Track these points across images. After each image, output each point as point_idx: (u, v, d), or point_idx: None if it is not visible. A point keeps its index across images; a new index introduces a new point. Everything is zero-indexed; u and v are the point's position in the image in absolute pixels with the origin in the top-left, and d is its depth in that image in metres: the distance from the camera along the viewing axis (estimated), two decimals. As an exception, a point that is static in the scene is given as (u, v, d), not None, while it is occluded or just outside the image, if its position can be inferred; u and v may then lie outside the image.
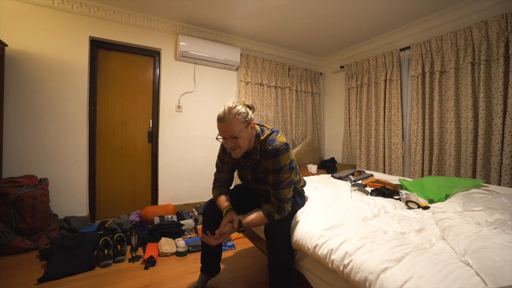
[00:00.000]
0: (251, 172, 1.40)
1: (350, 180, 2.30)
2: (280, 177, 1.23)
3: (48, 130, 2.44)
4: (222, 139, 1.26)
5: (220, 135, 1.25)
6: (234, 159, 1.43)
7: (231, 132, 1.20)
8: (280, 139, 1.27)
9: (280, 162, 1.22)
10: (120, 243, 1.98)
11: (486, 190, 1.61)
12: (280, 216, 1.25)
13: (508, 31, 2.13)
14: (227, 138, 1.23)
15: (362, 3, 2.49)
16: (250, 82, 3.47)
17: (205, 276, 1.55)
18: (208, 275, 1.56)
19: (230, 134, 1.21)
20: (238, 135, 1.21)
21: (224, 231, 1.25)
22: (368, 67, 3.40)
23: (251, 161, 1.36)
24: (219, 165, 1.47)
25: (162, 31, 2.97)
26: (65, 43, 2.50)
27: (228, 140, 1.23)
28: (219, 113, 1.23)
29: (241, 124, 1.21)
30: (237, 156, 1.27)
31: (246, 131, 1.24)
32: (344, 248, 1.00)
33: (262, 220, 1.26)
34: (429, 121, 2.71)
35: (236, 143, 1.23)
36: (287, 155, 1.24)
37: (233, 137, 1.21)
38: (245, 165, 1.40)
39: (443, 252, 0.94)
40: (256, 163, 1.35)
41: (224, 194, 1.42)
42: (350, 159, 3.72)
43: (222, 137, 1.25)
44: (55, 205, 2.43)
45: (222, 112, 1.22)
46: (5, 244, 1.93)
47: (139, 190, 2.98)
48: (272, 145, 1.24)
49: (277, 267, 1.22)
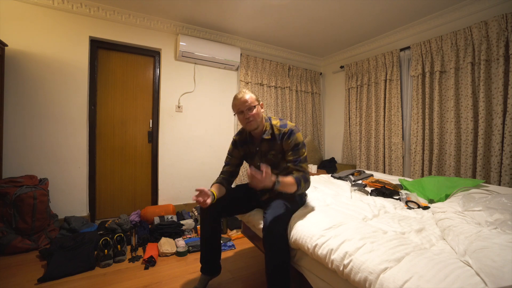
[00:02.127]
0: (260, 158, 1.52)
1: (350, 180, 2.30)
2: (299, 152, 1.39)
3: (48, 130, 2.44)
4: (239, 114, 1.45)
5: (238, 110, 1.44)
6: (243, 152, 1.58)
7: (248, 103, 1.41)
8: (290, 123, 1.47)
9: (296, 139, 1.40)
10: (120, 243, 1.98)
11: (486, 190, 1.61)
12: (305, 184, 1.36)
13: (508, 31, 2.13)
14: (244, 110, 1.41)
15: (362, 3, 2.49)
16: (250, 82, 3.47)
17: (205, 276, 1.55)
18: (209, 275, 1.55)
19: (247, 105, 1.41)
20: (254, 105, 1.42)
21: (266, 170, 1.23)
22: (368, 67, 3.40)
23: (261, 145, 1.49)
24: (227, 160, 1.62)
25: (162, 31, 2.97)
26: (65, 43, 2.50)
27: (245, 112, 1.41)
28: (237, 94, 1.46)
29: (255, 101, 1.45)
30: (252, 128, 1.44)
31: (258, 107, 1.45)
32: (344, 248, 1.00)
33: (292, 185, 1.32)
34: (429, 121, 2.71)
35: (252, 115, 1.41)
36: (299, 134, 1.43)
37: (250, 107, 1.41)
38: (255, 151, 1.52)
39: (443, 252, 0.94)
40: (267, 148, 1.48)
41: (218, 183, 1.53)
42: (350, 159, 3.72)
43: (239, 112, 1.44)
44: (55, 205, 2.43)
45: (240, 92, 1.46)
46: (5, 244, 1.93)
47: (139, 190, 2.98)
48: (286, 127, 1.43)
49: (273, 266, 1.23)
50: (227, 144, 3.35)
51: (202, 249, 1.55)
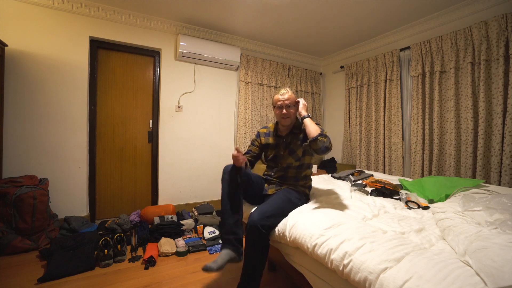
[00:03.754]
0: (284, 148, 1.66)
1: (350, 180, 2.29)
2: (322, 132, 1.47)
3: (48, 130, 2.44)
4: (277, 108, 1.60)
5: (281, 104, 1.58)
6: (265, 142, 1.73)
7: (289, 101, 1.57)
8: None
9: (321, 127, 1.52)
10: (120, 243, 1.98)
11: (486, 190, 1.61)
12: (324, 137, 1.41)
13: (508, 31, 2.13)
14: (285, 106, 1.56)
15: (362, 3, 2.49)
16: (250, 82, 3.47)
17: (228, 251, 1.35)
18: (232, 248, 1.36)
19: (291, 101, 1.58)
20: (294, 105, 1.59)
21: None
22: (368, 67, 3.40)
23: (288, 137, 1.66)
24: (250, 148, 1.78)
25: (162, 31, 2.97)
26: (65, 43, 2.50)
27: (285, 108, 1.56)
28: (281, 89, 1.62)
29: (294, 101, 1.61)
30: (287, 124, 1.61)
31: (296, 108, 1.61)
32: (344, 248, 1.00)
33: (316, 130, 1.43)
34: (429, 121, 2.71)
35: (290, 113, 1.57)
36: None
37: (290, 105, 1.57)
38: (281, 142, 1.67)
39: (443, 252, 0.94)
40: (292, 139, 1.64)
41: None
42: (350, 159, 3.72)
43: (279, 106, 1.58)
44: (55, 205, 2.43)
45: (284, 88, 1.62)
46: (5, 244, 1.93)
47: (139, 190, 2.98)
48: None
49: (248, 260, 1.34)
50: (227, 144, 3.41)
51: (223, 215, 1.44)
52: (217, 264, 1.26)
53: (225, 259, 1.31)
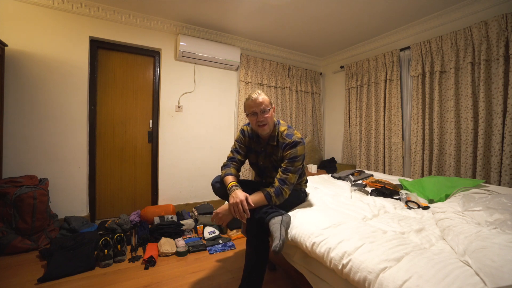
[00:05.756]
0: (264, 158, 1.54)
1: (350, 180, 2.30)
2: (294, 164, 1.39)
3: (48, 130, 2.44)
4: (251, 116, 1.44)
5: (252, 111, 1.43)
6: (249, 144, 1.59)
7: (263, 105, 1.42)
8: (297, 134, 1.46)
9: (297, 152, 1.40)
10: (120, 243, 1.98)
11: (486, 190, 1.61)
12: (278, 199, 1.36)
13: (508, 31, 2.13)
14: (259, 112, 1.41)
15: (362, 3, 2.49)
16: (250, 82, 3.47)
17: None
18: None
19: (263, 107, 1.41)
20: (268, 108, 1.43)
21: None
22: (368, 67, 3.40)
23: (267, 147, 1.52)
24: (236, 148, 1.60)
25: (162, 31, 2.97)
26: (65, 43, 2.50)
27: (259, 115, 1.42)
28: (251, 94, 1.45)
29: (269, 103, 1.46)
30: (265, 133, 1.45)
31: (271, 111, 1.46)
32: (343, 247, 1.00)
33: (262, 201, 1.35)
34: (429, 121, 2.71)
35: (266, 118, 1.42)
36: (303, 147, 1.43)
37: (265, 110, 1.42)
38: (260, 150, 1.55)
39: (443, 252, 0.94)
40: (272, 151, 1.51)
41: (234, 175, 1.49)
42: (350, 159, 3.72)
43: (252, 113, 1.43)
44: (55, 205, 2.43)
45: (254, 93, 1.45)
46: (5, 244, 1.93)
47: (139, 190, 2.98)
48: (291, 138, 1.42)
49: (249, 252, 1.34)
50: (227, 144, 3.40)
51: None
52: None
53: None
